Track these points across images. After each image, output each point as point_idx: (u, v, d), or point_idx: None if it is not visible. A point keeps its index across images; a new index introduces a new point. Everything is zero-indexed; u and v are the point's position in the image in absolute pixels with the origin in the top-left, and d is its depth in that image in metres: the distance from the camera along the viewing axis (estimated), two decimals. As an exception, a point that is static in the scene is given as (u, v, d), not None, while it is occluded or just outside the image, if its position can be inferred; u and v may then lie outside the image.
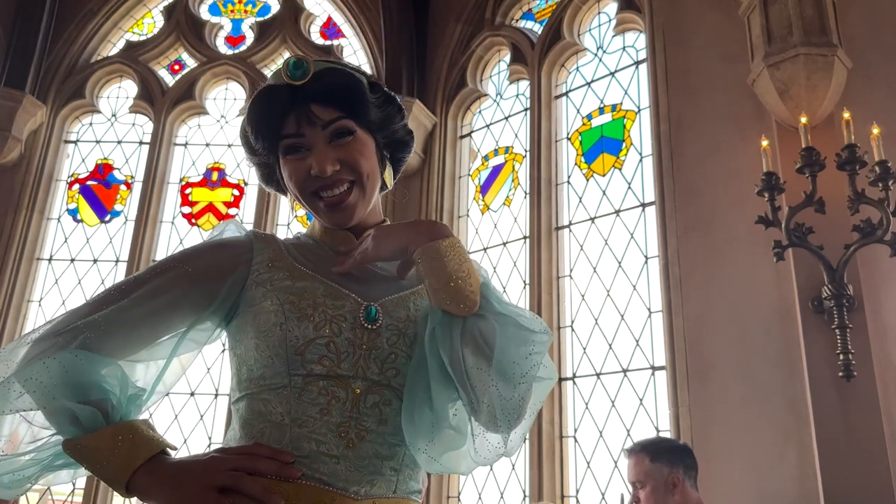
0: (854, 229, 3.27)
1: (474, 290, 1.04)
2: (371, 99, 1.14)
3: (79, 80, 5.92)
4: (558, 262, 4.76)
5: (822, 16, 3.68)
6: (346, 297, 1.08)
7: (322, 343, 1.03)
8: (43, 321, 4.56)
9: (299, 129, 1.09)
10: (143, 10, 6.27)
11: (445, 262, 1.03)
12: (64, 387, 0.98)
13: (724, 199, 3.89)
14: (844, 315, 3.25)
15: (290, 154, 1.11)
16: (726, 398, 3.60)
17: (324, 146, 1.10)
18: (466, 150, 5.58)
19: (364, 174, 1.12)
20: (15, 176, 5.51)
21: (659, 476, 2.48)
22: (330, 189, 1.10)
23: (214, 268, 1.10)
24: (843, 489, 3.14)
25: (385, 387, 1.05)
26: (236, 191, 5.72)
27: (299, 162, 1.11)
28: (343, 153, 1.10)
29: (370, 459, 1.02)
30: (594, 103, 5.03)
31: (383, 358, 1.05)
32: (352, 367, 1.03)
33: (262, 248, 1.14)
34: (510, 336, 1.01)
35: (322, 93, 1.09)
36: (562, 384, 4.45)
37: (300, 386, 1.03)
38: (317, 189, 1.11)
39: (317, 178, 1.09)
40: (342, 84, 1.11)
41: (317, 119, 1.09)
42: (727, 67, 4.07)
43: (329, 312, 1.05)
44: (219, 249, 1.14)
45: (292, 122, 1.09)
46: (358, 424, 1.02)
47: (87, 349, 1.02)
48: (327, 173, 1.08)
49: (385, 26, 5.61)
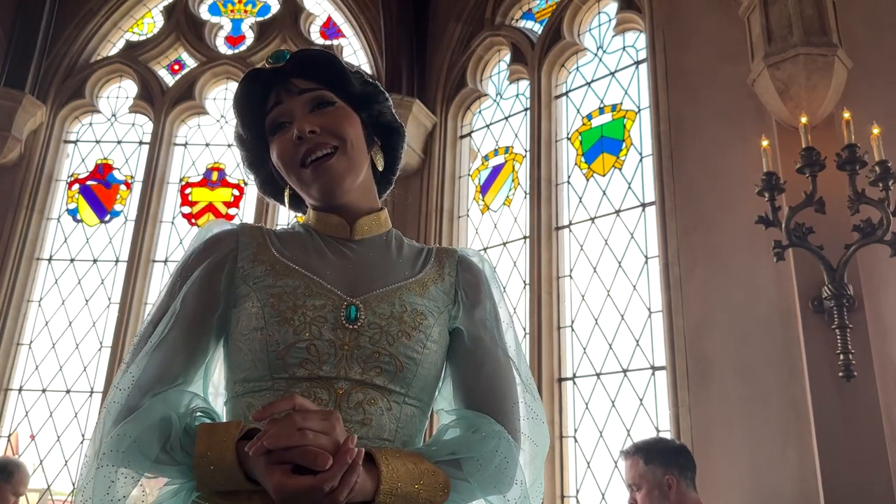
0: (854, 229, 3.26)
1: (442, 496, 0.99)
2: (350, 74, 1.17)
3: (79, 80, 5.91)
4: (558, 262, 4.76)
5: (823, 16, 3.68)
6: (327, 295, 1.06)
7: (303, 346, 1.02)
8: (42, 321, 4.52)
9: (279, 98, 1.13)
10: (142, 10, 6.27)
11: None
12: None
13: (725, 199, 3.89)
14: (844, 315, 3.24)
15: (275, 133, 1.13)
16: (726, 398, 3.60)
17: (303, 113, 1.12)
18: (466, 150, 5.57)
19: (348, 140, 1.11)
20: (15, 176, 5.51)
21: (653, 478, 2.49)
22: (314, 152, 1.10)
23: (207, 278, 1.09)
24: (843, 489, 3.14)
25: (369, 386, 1.03)
26: (236, 191, 5.72)
27: (283, 136, 1.12)
28: (324, 119, 1.11)
29: None
30: (594, 103, 5.03)
31: (366, 357, 1.04)
32: (334, 368, 1.02)
33: (247, 241, 1.13)
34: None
35: (300, 67, 1.13)
36: (562, 384, 4.45)
37: (283, 388, 1.02)
38: (303, 157, 1.10)
39: (300, 143, 1.09)
40: (319, 58, 1.15)
41: (294, 88, 1.12)
42: (727, 67, 4.07)
43: (309, 314, 1.04)
44: (205, 253, 1.13)
45: (273, 96, 1.13)
46: None
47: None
48: (306, 132, 1.08)
49: (385, 26, 5.61)
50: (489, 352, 1.13)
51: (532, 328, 4.56)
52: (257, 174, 1.25)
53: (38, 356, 5.25)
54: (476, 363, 1.12)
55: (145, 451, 0.95)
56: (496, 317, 1.18)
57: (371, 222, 1.18)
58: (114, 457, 0.95)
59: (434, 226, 5.18)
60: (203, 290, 1.08)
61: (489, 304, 1.17)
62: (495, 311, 1.18)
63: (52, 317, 5.34)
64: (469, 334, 1.13)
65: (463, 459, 1.01)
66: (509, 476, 1.04)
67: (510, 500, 1.05)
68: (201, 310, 1.07)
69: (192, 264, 1.12)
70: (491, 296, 1.19)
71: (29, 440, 5.05)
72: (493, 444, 1.04)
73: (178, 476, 0.97)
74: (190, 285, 1.09)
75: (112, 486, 0.95)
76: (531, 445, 1.14)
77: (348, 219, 1.16)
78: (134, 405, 0.98)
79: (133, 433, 0.95)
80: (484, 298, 1.17)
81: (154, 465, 0.95)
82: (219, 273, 1.10)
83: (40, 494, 4.90)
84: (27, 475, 3.45)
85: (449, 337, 1.13)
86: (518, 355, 1.19)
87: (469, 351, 1.12)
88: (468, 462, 1.01)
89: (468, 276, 1.18)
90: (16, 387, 5.15)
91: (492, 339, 1.14)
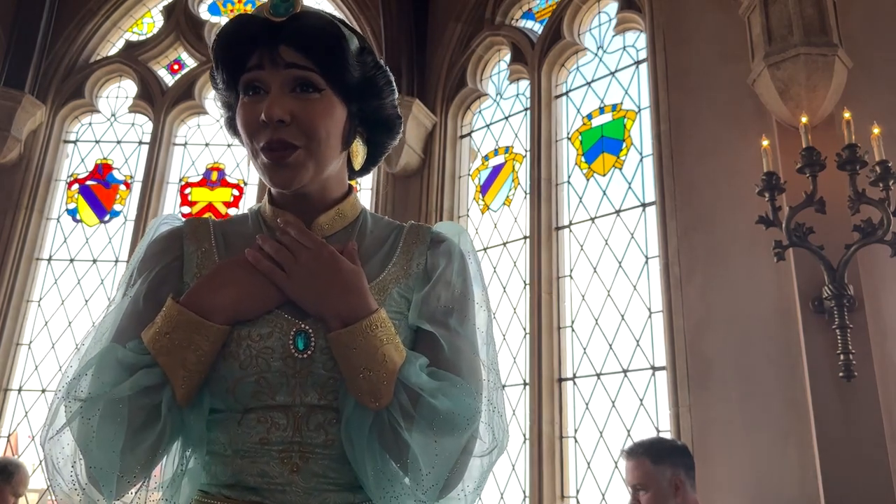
0: (854, 229, 3.26)
1: (387, 384, 0.93)
2: (352, 60, 1.00)
3: (78, 79, 5.91)
4: (558, 262, 4.76)
5: (823, 15, 3.67)
6: (273, 322, 0.97)
7: (251, 381, 0.95)
8: (42, 321, 4.53)
9: (260, 62, 0.97)
10: (142, 10, 6.27)
11: (352, 354, 0.93)
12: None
13: (725, 199, 3.89)
14: (845, 315, 3.24)
15: (247, 94, 0.99)
16: (726, 398, 3.60)
17: (280, 91, 0.97)
18: (466, 149, 5.57)
19: (317, 140, 0.97)
20: (14, 176, 5.50)
21: (662, 479, 2.40)
22: (274, 144, 0.96)
23: (149, 295, 1.02)
24: (843, 489, 3.14)
25: (328, 409, 0.96)
26: (236, 191, 5.72)
27: (252, 105, 0.98)
28: (301, 108, 0.97)
29: (317, 480, 0.95)
30: (594, 103, 5.03)
31: (321, 384, 0.96)
32: (288, 395, 0.95)
33: (192, 250, 1.04)
34: (422, 447, 0.92)
35: (296, 35, 0.96)
36: (562, 384, 4.45)
37: (239, 414, 0.96)
38: (263, 145, 0.97)
39: (264, 129, 0.96)
40: (319, 31, 0.98)
41: (280, 59, 0.97)
42: (727, 67, 4.07)
43: (255, 347, 0.95)
44: (149, 261, 1.05)
45: (256, 56, 0.98)
46: (301, 448, 0.95)
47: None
48: (274, 118, 0.95)
49: (385, 26, 5.60)
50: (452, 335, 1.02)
51: (532, 328, 4.56)
52: (228, 112, 1.10)
53: (37, 356, 5.24)
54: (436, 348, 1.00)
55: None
56: (464, 296, 1.06)
57: (333, 219, 1.06)
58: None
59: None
60: (149, 306, 1.00)
61: (457, 284, 1.06)
62: (463, 290, 1.06)
63: (52, 317, 5.34)
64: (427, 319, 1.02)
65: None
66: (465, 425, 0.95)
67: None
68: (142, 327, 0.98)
69: (135, 279, 1.04)
70: (461, 273, 1.07)
71: (29, 440, 5.05)
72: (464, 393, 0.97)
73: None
74: (134, 298, 1.01)
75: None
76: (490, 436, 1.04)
77: (306, 216, 1.04)
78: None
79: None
80: (446, 279, 1.05)
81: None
82: (162, 286, 1.02)
83: (40, 495, 4.90)
84: (27, 476, 3.45)
85: (414, 335, 1.02)
86: (488, 336, 1.09)
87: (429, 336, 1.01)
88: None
89: (435, 260, 1.06)
90: (15, 387, 5.15)
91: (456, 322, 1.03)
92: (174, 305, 0.95)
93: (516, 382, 4.60)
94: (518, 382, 4.59)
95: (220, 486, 0.97)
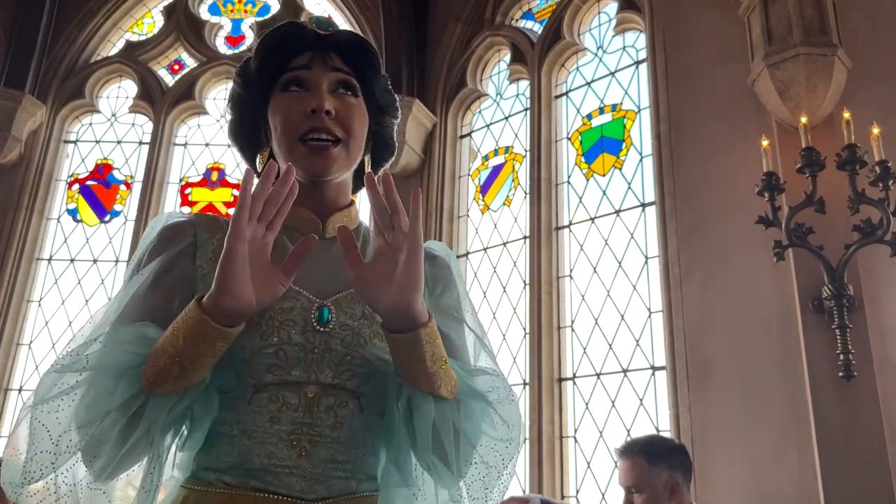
0: (854, 229, 3.27)
1: (451, 385, 0.99)
2: (381, 77, 1.14)
3: (78, 79, 5.92)
4: (558, 262, 4.76)
5: (823, 15, 3.68)
6: (296, 297, 1.01)
7: (270, 352, 0.97)
8: (42, 321, 4.50)
9: (310, 62, 1.08)
10: (142, 10, 6.27)
11: (433, 347, 0.96)
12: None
13: (725, 199, 3.89)
14: (844, 315, 3.25)
15: (288, 90, 1.07)
16: (726, 398, 3.60)
17: (325, 90, 1.07)
18: (466, 150, 5.58)
19: (353, 136, 1.08)
20: (15, 176, 5.51)
21: (658, 481, 2.28)
22: (318, 133, 1.05)
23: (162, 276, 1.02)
24: (843, 489, 3.14)
25: (340, 389, 0.99)
26: (236, 191, 5.71)
27: (295, 99, 1.06)
28: (342, 105, 1.07)
29: (325, 465, 0.97)
30: (594, 103, 5.03)
31: (337, 361, 0.99)
32: (304, 372, 0.98)
33: (205, 237, 1.06)
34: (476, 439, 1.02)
35: (344, 45, 1.10)
36: (562, 384, 4.45)
37: (250, 392, 0.97)
38: (305, 133, 1.05)
39: (309, 119, 1.05)
40: (364, 48, 1.12)
41: (330, 61, 1.09)
42: (727, 67, 4.07)
43: (277, 318, 0.98)
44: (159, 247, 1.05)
45: (306, 56, 1.08)
46: (311, 430, 0.97)
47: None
48: (324, 108, 1.04)
49: (385, 26, 5.61)
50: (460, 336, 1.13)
51: (532, 328, 4.56)
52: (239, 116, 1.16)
53: (38, 356, 5.25)
54: (457, 335, 1.11)
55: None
56: (460, 306, 1.16)
57: (343, 219, 1.12)
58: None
59: (434, 226, 5.19)
60: (160, 287, 1.01)
61: (455, 292, 1.16)
62: (460, 300, 1.17)
63: (52, 317, 5.35)
64: (446, 309, 1.12)
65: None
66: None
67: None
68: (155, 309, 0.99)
69: (146, 262, 1.04)
70: (455, 285, 1.17)
71: (29, 440, 5.05)
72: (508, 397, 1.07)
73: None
74: (145, 281, 1.01)
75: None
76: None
77: (321, 215, 1.10)
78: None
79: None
80: (450, 288, 1.16)
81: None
82: (173, 269, 1.03)
83: (40, 494, 4.90)
84: (27, 475, 3.45)
85: None
86: (484, 338, 1.18)
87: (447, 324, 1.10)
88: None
89: (434, 270, 1.14)
90: (16, 387, 5.15)
91: (459, 325, 1.14)
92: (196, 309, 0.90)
93: (516, 382, 4.60)
94: (518, 382, 4.59)
95: (221, 472, 0.96)
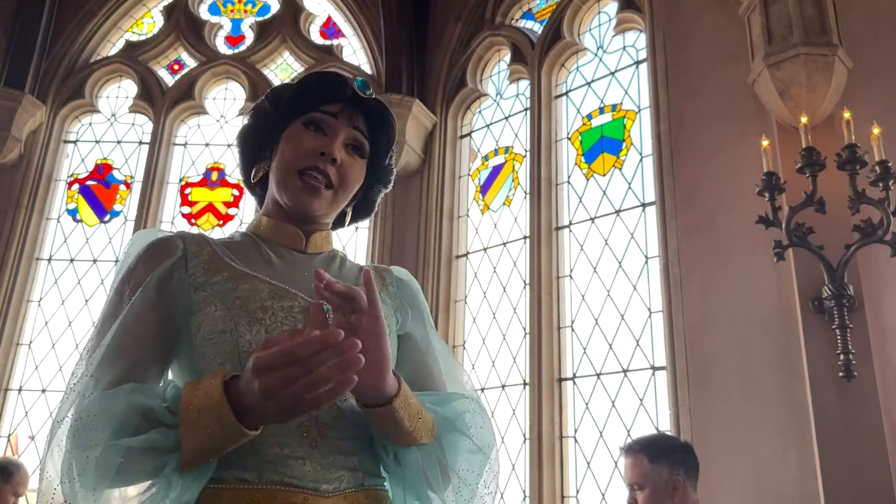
0: (854, 229, 3.26)
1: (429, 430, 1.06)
2: (391, 153, 1.26)
3: (78, 79, 5.91)
4: (558, 262, 4.76)
5: (823, 15, 3.68)
6: (293, 298, 1.09)
7: None
8: (42, 321, 4.50)
9: (339, 113, 1.17)
10: (142, 10, 6.27)
11: (405, 416, 1.03)
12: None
13: (725, 199, 3.89)
14: (845, 315, 3.24)
15: (309, 127, 1.16)
16: (726, 398, 3.60)
17: (341, 141, 1.17)
18: (466, 149, 5.57)
19: (346, 188, 1.18)
20: (14, 176, 5.50)
21: (658, 478, 2.30)
22: (318, 172, 1.14)
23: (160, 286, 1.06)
24: (843, 489, 3.14)
25: None
26: (236, 191, 5.71)
27: (312, 137, 1.16)
28: (348, 160, 1.17)
29: (335, 456, 1.02)
30: (594, 103, 5.03)
31: None
32: None
33: (195, 250, 1.12)
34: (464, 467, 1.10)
35: (372, 112, 1.20)
36: (562, 384, 4.45)
37: None
38: (306, 168, 1.14)
39: (315, 159, 1.14)
40: (387, 121, 1.22)
41: (356, 120, 1.18)
42: (727, 67, 4.07)
43: (279, 315, 1.06)
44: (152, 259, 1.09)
45: (337, 106, 1.17)
46: (318, 422, 1.02)
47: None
48: (333, 155, 1.14)
49: (385, 26, 5.60)
50: (438, 350, 1.24)
51: (532, 328, 4.56)
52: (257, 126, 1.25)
53: (37, 356, 5.24)
54: (431, 359, 1.21)
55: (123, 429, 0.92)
56: (428, 326, 1.27)
57: (323, 239, 1.22)
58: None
59: (434, 226, 5.18)
60: (160, 299, 1.05)
61: (425, 315, 1.28)
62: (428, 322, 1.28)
63: (52, 317, 5.34)
64: (418, 336, 1.22)
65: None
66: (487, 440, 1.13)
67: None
68: (161, 320, 1.04)
69: (139, 271, 1.08)
70: (424, 307, 1.29)
71: (29, 440, 5.05)
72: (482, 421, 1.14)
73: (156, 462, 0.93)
74: (143, 294, 1.05)
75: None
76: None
77: (304, 231, 1.19)
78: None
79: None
80: (421, 310, 1.27)
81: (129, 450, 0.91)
82: (170, 280, 1.07)
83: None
84: (27, 476, 3.45)
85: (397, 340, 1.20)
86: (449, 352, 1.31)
87: (420, 349, 1.21)
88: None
89: (407, 290, 1.27)
90: (15, 387, 5.15)
91: (438, 340, 1.26)
92: (220, 393, 0.91)
93: (516, 382, 4.60)
94: (518, 382, 4.59)
95: (236, 469, 0.97)
